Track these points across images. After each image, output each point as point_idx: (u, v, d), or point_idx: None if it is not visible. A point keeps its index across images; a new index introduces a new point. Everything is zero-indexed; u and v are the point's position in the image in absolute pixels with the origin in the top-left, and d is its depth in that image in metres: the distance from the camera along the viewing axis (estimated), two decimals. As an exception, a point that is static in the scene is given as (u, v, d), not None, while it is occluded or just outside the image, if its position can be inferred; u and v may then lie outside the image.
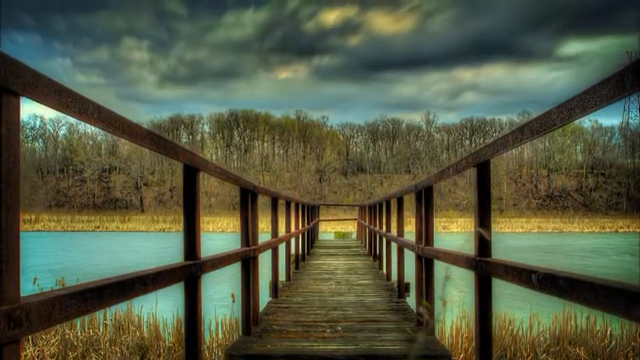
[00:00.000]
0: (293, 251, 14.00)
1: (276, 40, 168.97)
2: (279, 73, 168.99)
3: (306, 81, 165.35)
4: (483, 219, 4.36)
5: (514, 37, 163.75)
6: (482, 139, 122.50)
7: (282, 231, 16.27)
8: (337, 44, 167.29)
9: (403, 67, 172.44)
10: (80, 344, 9.30)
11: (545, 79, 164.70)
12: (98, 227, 71.30)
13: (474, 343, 7.81)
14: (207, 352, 9.22)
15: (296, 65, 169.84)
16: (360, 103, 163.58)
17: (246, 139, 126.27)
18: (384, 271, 13.02)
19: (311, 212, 21.30)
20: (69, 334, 9.46)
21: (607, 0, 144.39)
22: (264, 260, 8.89)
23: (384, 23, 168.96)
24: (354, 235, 34.38)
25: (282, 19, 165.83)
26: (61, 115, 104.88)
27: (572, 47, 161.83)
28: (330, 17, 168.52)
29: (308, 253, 18.51)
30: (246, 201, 6.98)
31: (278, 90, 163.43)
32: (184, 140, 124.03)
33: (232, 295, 9.98)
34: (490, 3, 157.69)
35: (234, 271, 7.45)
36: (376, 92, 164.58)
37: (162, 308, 10.82)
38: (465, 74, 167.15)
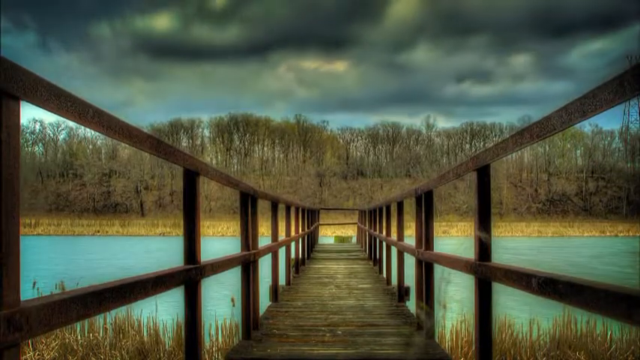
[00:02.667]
0: (293, 255, 14.00)
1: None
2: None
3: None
4: (483, 223, 4.36)
5: None
6: (482, 143, 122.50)
7: (282, 235, 16.26)
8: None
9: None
10: (80, 348, 9.29)
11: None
12: (98, 231, 71.22)
13: (473, 347, 7.80)
14: (207, 356, 9.21)
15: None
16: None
17: (246, 143, 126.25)
18: (384, 275, 13.01)
19: (311, 216, 21.30)
20: (69, 338, 9.45)
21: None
22: (264, 264, 8.88)
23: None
24: (354, 240, 34.36)
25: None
26: (61, 119, 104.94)
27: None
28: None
29: (308, 258, 18.50)
30: (246, 205, 6.98)
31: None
32: (184, 144, 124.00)
33: (232, 299, 9.98)
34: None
35: (234, 275, 7.44)
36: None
37: (162, 312, 10.82)
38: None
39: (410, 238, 9.03)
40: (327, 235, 48.34)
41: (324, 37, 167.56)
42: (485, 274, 4.16)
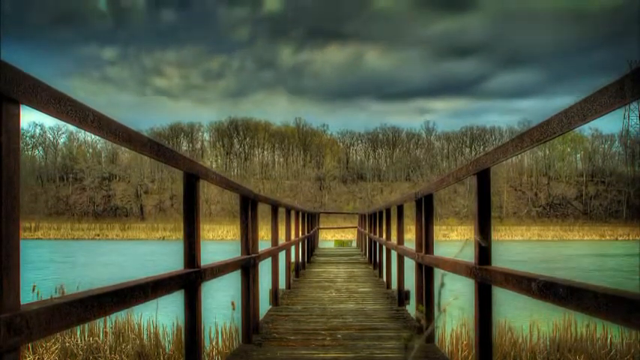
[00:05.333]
0: (293, 259, 13.99)
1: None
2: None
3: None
4: (483, 227, 4.36)
5: None
6: (482, 147, 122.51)
7: (282, 239, 16.26)
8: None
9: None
10: (80, 352, 9.29)
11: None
12: (98, 235, 71.24)
13: (473, 351, 7.80)
14: (207, 359, 9.21)
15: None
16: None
17: (246, 147, 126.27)
18: (384, 279, 13.01)
19: (311, 220, 21.30)
20: (69, 342, 9.44)
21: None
22: (264, 268, 8.88)
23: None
24: (354, 244, 34.33)
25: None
26: (60, 123, 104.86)
27: None
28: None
29: (308, 261, 18.50)
30: (246, 209, 6.98)
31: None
32: (184, 148, 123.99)
33: (232, 303, 9.97)
34: None
35: (234, 278, 7.44)
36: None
37: (162, 316, 10.81)
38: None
39: (410, 241, 9.03)
40: (327, 239, 48.33)
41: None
42: (485, 277, 4.16)
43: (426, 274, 6.97)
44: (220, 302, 15.45)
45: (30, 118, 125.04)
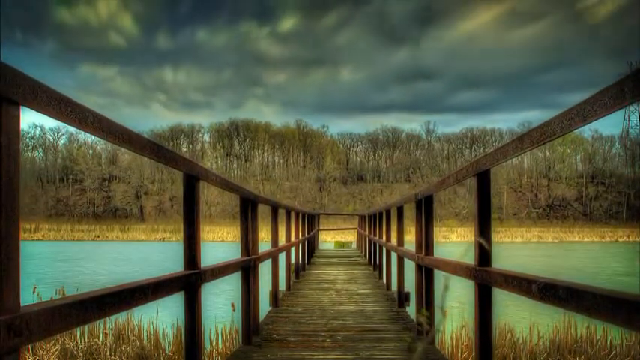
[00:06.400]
0: (293, 260, 13.99)
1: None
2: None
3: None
4: (483, 228, 4.36)
5: None
6: (482, 148, 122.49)
7: (282, 240, 16.27)
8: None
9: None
10: (80, 353, 9.28)
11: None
12: (98, 236, 71.24)
13: (473, 352, 7.80)
14: (207, 361, 9.20)
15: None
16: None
17: (247, 148, 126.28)
18: (384, 280, 13.01)
19: (311, 221, 21.30)
20: (69, 344, 9.44)
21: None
22: (264, 269, 8.88)
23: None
24: (354, 245, 34.35)
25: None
26: (61, 124, 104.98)
27: None
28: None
29: (308, 263, 18.50)
30: (246, 210, 6.98)
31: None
32: (184, 149, 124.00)
33: (232, 305, 9.97)
34: None
35: (234, 280, 7.44)
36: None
37: (162, 317, 10.80)
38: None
39: (410, 243, 9.03)
40: (327, 241, 48.30)
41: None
42: (486, 279, 4.16)
43: (426, 275, 6.97)
44: (220, 303, 15.46)
45: (30, 119, 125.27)
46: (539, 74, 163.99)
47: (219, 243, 57.81)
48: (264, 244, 8.53)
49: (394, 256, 11.17)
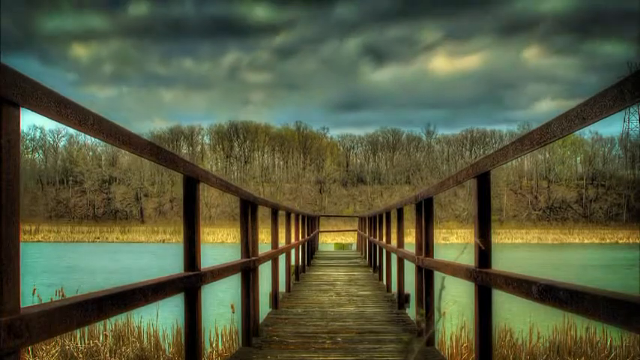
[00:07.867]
0: (293, 262, 13.99)
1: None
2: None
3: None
4: (483, 230, 4.36)
5: None
6: (482, 150, 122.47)
7: (282, 242, 16.27)
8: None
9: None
10: (80, 355, 9.28)
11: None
12: (98, 238, 71.19)
13: (473, 354, 7.80)
14: (206, 363, 9.19)
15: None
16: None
17: (246, 150, 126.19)
18: (384, 282, 13.01)
19: (311, 223, 21.29)
20: (69, 345, 9.44)
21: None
22: (264, 271, 8.88)
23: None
24: (354, 247, 34.34)
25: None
26: (61, 126, 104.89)
27: None
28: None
29: (308, 264, 18.49)
30: (246, 212, 6.98)
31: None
32: (184, 151, 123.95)
33: (232, 306, 9.97)
34: None
35: (234, 281, 7.44)
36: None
37: (162, 318, 10.80)
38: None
39: (410, 245, 9.03)
40: (327, 242, 48.32)
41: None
42: (486, 280, 4.16)
43: (426, 277, 6.97)
44: (220, 305, 15.45)
45: (30, 120, 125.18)
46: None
47: (219, 245, 57.79)
48: (264, 245, 8.53)
49: (394, 257, 11.17)
